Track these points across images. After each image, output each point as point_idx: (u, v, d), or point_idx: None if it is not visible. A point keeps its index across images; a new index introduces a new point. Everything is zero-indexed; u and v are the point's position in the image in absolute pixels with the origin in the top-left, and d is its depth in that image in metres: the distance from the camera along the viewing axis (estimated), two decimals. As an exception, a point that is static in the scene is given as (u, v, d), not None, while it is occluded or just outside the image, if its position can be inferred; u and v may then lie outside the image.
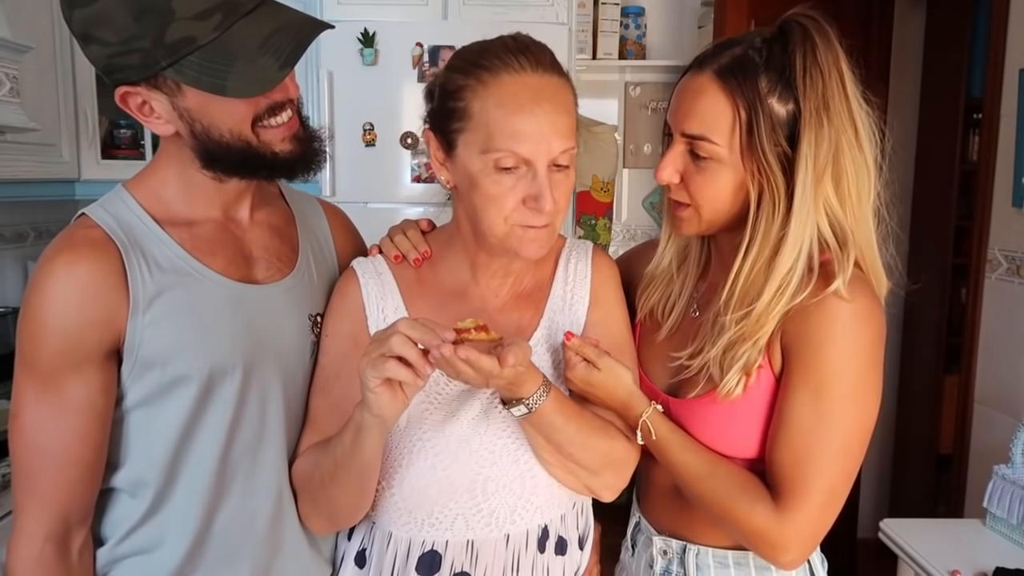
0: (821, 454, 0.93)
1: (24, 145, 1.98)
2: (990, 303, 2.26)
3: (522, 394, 0.91)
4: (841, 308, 0.92)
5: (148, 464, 0.95)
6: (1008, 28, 2.15)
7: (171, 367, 0.93)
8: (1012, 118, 2.12)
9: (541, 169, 0.92)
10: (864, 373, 0.94)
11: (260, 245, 1.03)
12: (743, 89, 0.93)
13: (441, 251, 1.07)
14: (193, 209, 0.98)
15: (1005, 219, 2.18)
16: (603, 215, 3.10)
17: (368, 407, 0.87)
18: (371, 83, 2.34)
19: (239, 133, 0.91)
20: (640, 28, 3.06)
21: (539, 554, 1.01)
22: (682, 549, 1.08)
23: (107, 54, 0.86)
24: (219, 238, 0.99)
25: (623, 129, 3.19)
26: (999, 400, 2.21)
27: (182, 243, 0.96)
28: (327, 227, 1.15)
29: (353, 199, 2.38)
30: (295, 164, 0.96)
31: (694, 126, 0.96)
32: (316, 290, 1.08)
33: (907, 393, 3.23)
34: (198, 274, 0.95)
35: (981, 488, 1.82)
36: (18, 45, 1.77)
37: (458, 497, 0.98)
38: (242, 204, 1.02)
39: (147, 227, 0.95)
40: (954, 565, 1.61)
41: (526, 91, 0.92)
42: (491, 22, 2.32)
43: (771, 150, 0.93)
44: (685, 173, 0.99)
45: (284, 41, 0.88)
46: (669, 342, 1.08)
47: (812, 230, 0.94)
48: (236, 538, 0.99)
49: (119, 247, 0.91)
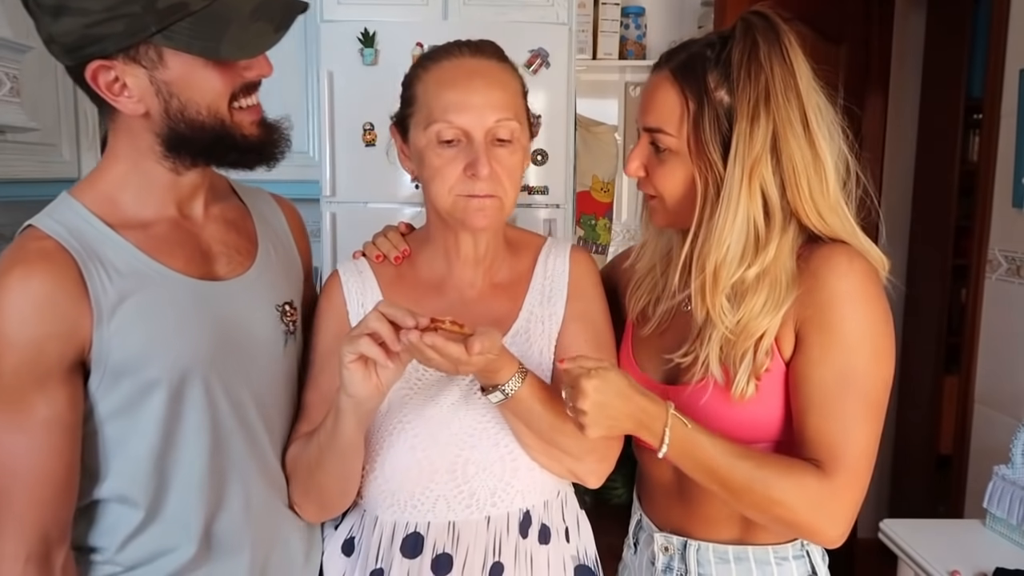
0: (855, 416, 0.95)
1: (24, 145, 1.98)
2: (990, 303, 2.26)
3: (498, 380, 0.94)
4: (847, 276, 0.95)
5: (133, 474, 0.94)
6: (1008, 28, 2.16)
7: (142, 373, 0.91)
8: (1012, 118, 2.12)
9: (478, 138, 0.99)
10: (880, 329, 0.97)
11: (218, 240, 1.02)
12: (692, 83, 0.99)
13: (419, 248, 1.13)
14: (146, 209, 0.96)
15: (1005, 219, 2.18)
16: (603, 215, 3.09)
17: (344, 387, 0.91)
18: (371, 83, 2.33)
19: (216, 110, 0.91)
20: (640, 28, 3.06)
21: (521, 539, 1.03)
22: (683, 545, 1.09)
23: (85, 24, 0.84)
24: (175, 237, 0.97)
25: (623, 129, 3.19)
26: (999, 400, 2.21)
27: (138, 245, 0.93)
28: (283, 219, 1.15)
29: (353, 199, 2.39)
30: (263, 148, 0.96)
31: (652, 119, 1.02)
32: (280, 279, 1.07)
33: (907, 393, 3.23)
34: (159, 276, 0.93)
35: (981, 488, 1.82)
36: (18, 45, 1.77)
37: (438, 479, 1.01)
38: (196, 200, 1.01)
39: (100, 232, 0.92)
40: (954, 565, 1.61)
41: (461, 70, 1.02)
42: (491, 22, 2.33)
43: (713, 140, 0.98)
44: (649, 166, 1.05)
45: (275, 9, 0.90)
46: (662, 338, 1.10)
47: (744, 216, 0.97)
48: (238, 532, 0.99)
49: (74, 256, 0.88)
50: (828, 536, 0.97)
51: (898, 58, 3.05)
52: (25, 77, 1.82)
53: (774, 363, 0.99)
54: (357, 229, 1.24)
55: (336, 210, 2.39)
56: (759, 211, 0.97)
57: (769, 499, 0.95)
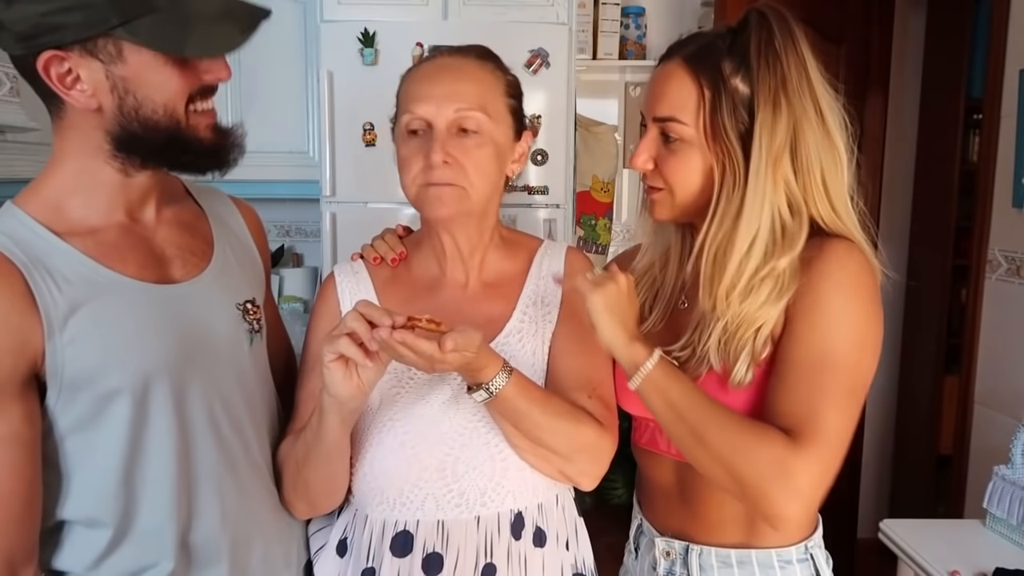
0: (830, 395, 0.93)
1: (24, 145, 1.98)
2: (990, 303, 2.26)
3: (482, 379, 0.94)
4: (841, 266, 0.95)
5: (97, 491, 0.90)
6: (1008, 28, 2.15)
7: (101, 384, 0.88)
8: (1012, 118, 2.12)
9: (438, 127, 1.01)
10: (868, 320, 0.96)
11: (171, 243, 0.99)
12: (707, 71, 0.98)
13: (414, 249, 1.15)
14: (94, 214, 0.93)
15: (1005, 219, 2.18)
16: (603, 215, 3.10)
17: (326, 387, 0.91)
18: (371, 83, 2.33)
19: (172, 110, 0.89)
20: (640, 28, 3.06)
21: (514, 541, 1.03)
22: (685, 550, 1.07)
23: (41, 12, 0.81)
24: (126, 242, 0.94)
25: (623, 129, 3.18)
26: (999, 400, 2.21)
27: (87, 252, 0.90)
28: (241, 220, 1.14)
29: (353, 199, 2.38)
30: (217, 152, 0.95)
31: (664, 109, 1.01)
32: (239, 279, 1.06)
33: (907, 393, 3.23)
34: (110, 283, 0.90)
35: (981, 488, 1.82)
36: (18, 45, 1.77)
37: (427, 476, 1.01)
38: (147, 204, 0.98)
39: (47, 241, 0.88)
40: (954, 565, 1.61)
41: (433, 66, 1.06)
42: (491, 22, 2.33)
43: (732, 128, 0.98)
44: (658, 158, 1.03)
45: (241, 13, 0.90)
46: (660, 336, 1.09)
47: (770, 207, 0.97)
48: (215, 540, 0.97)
49: (20, 268, 0.85)
50: (780, 507, 0.89)
51: (898, 58, 3.05)
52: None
53: (770, 351, 0.98)
54: (357, 229, 1.24)
55: (336, 210, 2.39)
56: (783, 202, 0.98)
57: (732, 447, 0.91)
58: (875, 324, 0.97)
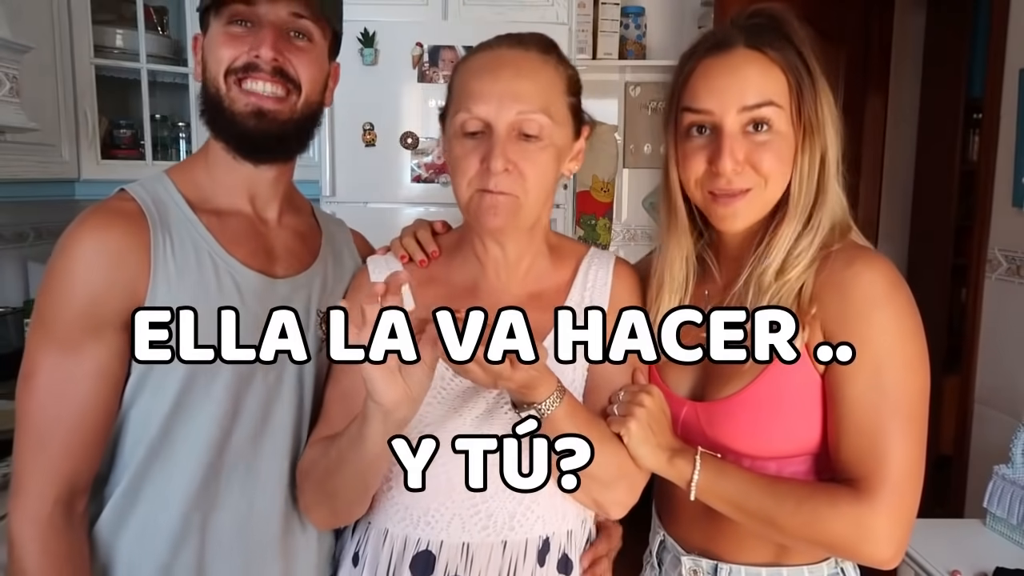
0: (893, 430, 0.91)
1: (24, 145, 1.98)
2: (990, 303, 2.26)
3: (534, 398, 0.87)
4: (874, 283, 0.93)
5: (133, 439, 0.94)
6: (1008, 28, 2.16)
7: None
8: (1012, 118, 2.12)
9: (498, 130, 0.93)
10: (913, 337, 0.93)
11: (283, 245, 1.05)
12: (785, 56, 0.96)
13: (453, 248, 1.07)
14: (221, 198, 1.01)
15: (1005, 219, 2.18)
16: (603, 215, 3.10)
17: (369, 393, 0.83)
18: (371, 83, 2.33)
19: (215, 78, 0.97)
20: (640, 28, 3.06)
21: (539, 567, 0.98)
22: (713, 568, 1.04)
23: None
24: (245, 230, 1.01)
25: (623, 129, 3.19)
26: (999, 400, 2.21)
27: (209, 228, 0.98)
28: (354, 247, 1.17)
29: (353, 199, 2.38)
30: (243, 136, 0.97)
31: (753, 95, 0.95)
32: (327, 291, 1.07)
33: (907, 393, 3.22)
34: (218, 259, 0.97)
35: (981, 488, 1.82)
36: (18, 45, 1.77)
37: (455, 496, 0.96)
38: (271, 203, 1.05)
39: (179, 209, 0.97)
40: (954, 565, 1.61)
41: (493, 59, 0.97)
42: (491, 22, 2.33)
43: (814, 112, 0.96)
44: (747, 154, 0.96)
45: None
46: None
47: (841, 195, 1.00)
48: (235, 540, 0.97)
49: (149, 222, 0.93)
50: (876, 558, 0.91)
51: (898, 58, 3.05)
52: (25, 77, 1.82)
53: (807, 372, 0.95)
54: (357, 229, 1.23)
55: (336, 210, 2.39)
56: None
57: (805, 523, 0.92)
58: (916, 335, 0.94)
